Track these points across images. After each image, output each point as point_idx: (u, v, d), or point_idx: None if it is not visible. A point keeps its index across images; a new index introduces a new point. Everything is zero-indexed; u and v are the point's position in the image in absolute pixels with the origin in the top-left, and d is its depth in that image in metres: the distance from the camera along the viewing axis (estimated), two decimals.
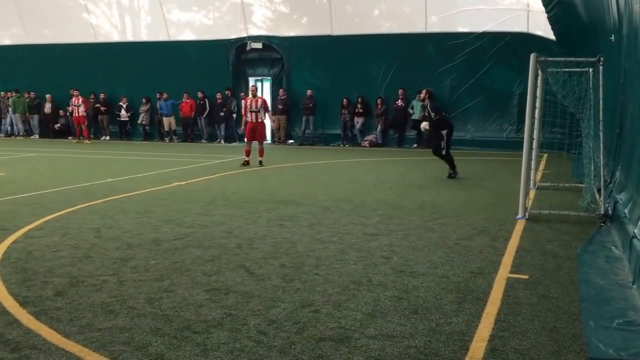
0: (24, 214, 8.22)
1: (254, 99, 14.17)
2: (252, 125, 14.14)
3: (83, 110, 21.51)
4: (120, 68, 23.14)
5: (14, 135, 24.42)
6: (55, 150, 18.41)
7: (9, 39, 24.68)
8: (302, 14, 21.90)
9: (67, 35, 23.34)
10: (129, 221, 7.85)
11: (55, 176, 12.40)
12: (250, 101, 14.17)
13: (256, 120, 14.12)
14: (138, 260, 5.99)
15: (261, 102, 14.24)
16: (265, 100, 14.69)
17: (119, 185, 11.15)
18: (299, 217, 8.17)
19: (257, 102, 14.11)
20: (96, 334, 4.13)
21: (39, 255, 6.14)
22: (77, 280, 5.34)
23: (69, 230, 7.26)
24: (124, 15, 23.65)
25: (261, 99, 14.46)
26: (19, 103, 23.98)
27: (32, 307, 4.63)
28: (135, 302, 4.76)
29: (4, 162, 15.31)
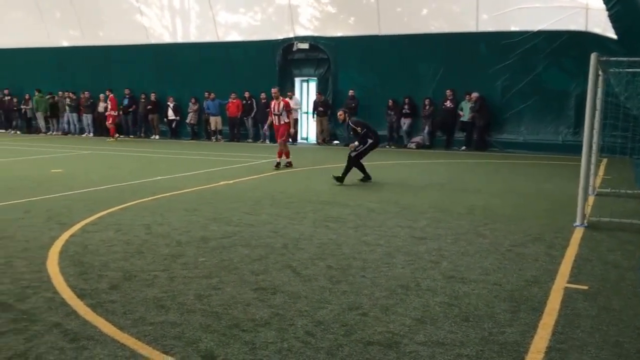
0: (80, 209, 8.49)
1: (277, 101, 14.03)
2: (275, 128, 14.19)
3: (110, 110, 22.28)
4: (170, 68, 23.62)
5: (70, 133, 25.21)
6: (108, 148, 18.93)
7: (67, 41, 25.47)
8: (349, 14, 21.90)
9: (121, 36, 23.96)
10: (178, 219, 8.02)
11: (108, 173, 12.76)
12: (273, 104, 14.11)
13: (278, 122, 13.99)
14: (187, 257, 6.12)
15: (283, 104, 14.05)
16: (288, 102, 14.47)
17: (168, 183, 11.39)
18: (344, 219, 8.19)
19: (279, 105, 13.97)
20: (149, 327, 4.25)
21: (94, 250, 6.34)
22: (130, 274, 5.49)
23: (121, 226, 7.47)
24: (175, 17, 24.13)
25: (284, 100, 14.26)
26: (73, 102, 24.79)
27: (89, 300, 4.79)
28: (185, 298, 4.86)
29: (62, 159, 15.83)
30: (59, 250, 6.28)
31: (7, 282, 5.21)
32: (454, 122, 19.86)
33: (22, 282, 5.20)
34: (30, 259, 5.93)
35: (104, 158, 16.17)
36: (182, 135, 23.68)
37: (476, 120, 19.23)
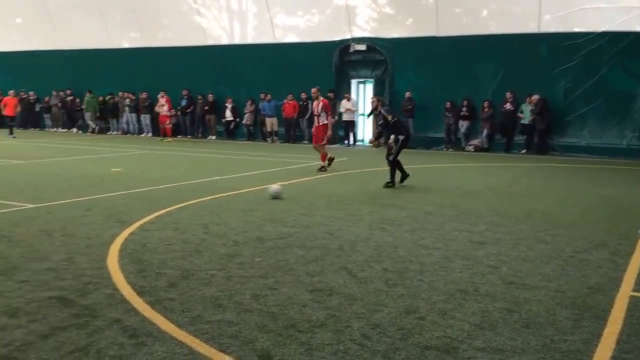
0: (140, 208, 8.68)
1: (317, 101, 13.82)
2: (313, 129, 14.04)
3: (166, 110, 22.85)
4: (227, 70, 23.96)
5: (129, 133, 25.91)
6: (166, 148, 19.34)
7: (128, 43, 26.20)
8: (407, 14, 21.68)
9: (179, 38, 24.46)
10: (235, 218, 8.08)
11: (167, 173, 13.01)
12: (314, 104, 13.97)
13: (317, 123, 13.80)
14: (244, 257, 6.14)
15: (322, 104, 13.77)
16: (327, 103, 14.11)
17: (225, 183, 11.52)
18: (400, 221, 8.08)
19: (318, 105, 13.77)
20: (206, 326, 4.27)
21: (153, 248, 6.45)
22: (188, 273, 5.55)
23: (179, 225, 7.57)
24: (233, 19, 24.45)
25: (323, 101, 13.90)
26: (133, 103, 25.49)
27: (148, 297, 4.86)
28: (242, 298, 4.88)
29: (122, 158, 16.27)
30: (118, 247, 6.42)
31: (69, 277, 5.35)
32: (514, 124, 19.38)
33: (83, 278, 5.33)
34: (92, 256, 6.08)
35: (162, 158, 16.52)
36: (238, 136, 23.97)
37: (537, 123, 18.72)
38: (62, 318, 4.38)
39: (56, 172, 12.78)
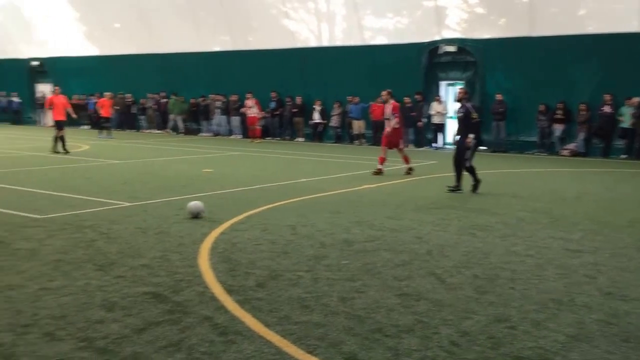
0: (230, 208, 8.88)
1: (387, 104, 13.50)
2: (385, 133, 13.71)
3: (256, 112, 23.21)
4: (315, 72, 24.16)
5: (219, 134, 26.65)
6: (255, 150, 19.73)
7: (219, 46, 26.98)
8: (499, 14, 21.05)
9: (269, 41, 24.92)
10: (322, 220, 8.10)
11: (255, 174, 13.26)
12: (384, 107, 13.64)
13: (388, 127, 13.49)
14: (331, 259, 6.14)
15: (391, 107, 13.44)
16: (396, 106, 13.69)
17: (312, 185, 11.59)
18: (491, 227, 7.82)
19: (388, 109, 13.45)
20: (293, 326, 4.29)
21: (242, 247, 6.57)
22: (275, 273, 5.61)
23: (268, 226, 7.68)
24: (321, 21, 24.63)
25: (393, 104, 13.53)
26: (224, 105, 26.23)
27: (237, 296, 4.94)
28: (329, 300, 4.86)
29: (212, 159, 16.75)
30: (209, 246, 6.58)
31: (163, 274, 5.54)
32: (613, 128, 18.35)
33: (176, 276, 5.50)
34: (184, 254, 6.27)
35: (251, 159, 16.88)
36: (325, 139, 24.11)
37: (638, 127, 17.64)
38: (156, 313, 4.53)
39: (151, 171, 13.33)
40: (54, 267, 5.71)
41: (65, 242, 6.70)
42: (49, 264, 5.81)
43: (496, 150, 20.05)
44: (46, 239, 6.83)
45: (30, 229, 7.33)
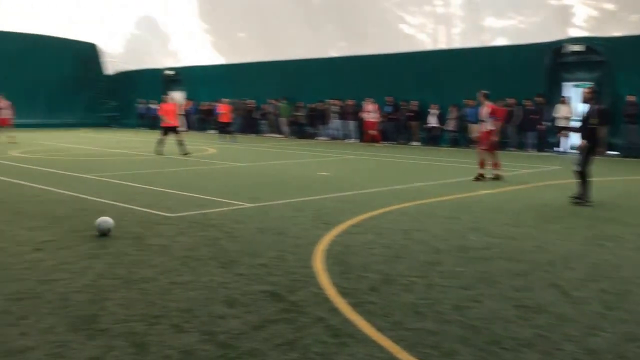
0: (345, 211, 8.97)
1: (483, 106, 12.88)
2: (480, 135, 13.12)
3: (376, 116, 23.11)
4: (431, 75, 23.86)
5: (336, 138, 27.00)
6: (370, 153, 19.80)
7: (336, 52, 27.38)
8: (631, 10, 19.69)
9: (385, 45, 24.96)
10: (437, 226, 7.98)
11: (370, 177, 13.31)
12: (480, 109, 13.05)
13: (484, 128, 12.89)
14: (445, 266, 6.03)
15: (488, 110, 12.77)
16: (494, 108, 12.94)
17: (427, 189, 11.44)
18: (623, 238, 7.32)
19: (484, 111, 12.85)
20: (406, 333, 4.26)
21: (356, 251, 6.62)
22: (388, 278, 5.60)
23: (382, 230, 7.68)
24: (438, 24, 24.30)
25: (490, 106, 12.83)
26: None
27: (350, 299, 4.99)
28: (443, 308, 4.78)
29: (328, 162, 17.01)
30: (324, 248, 6.69)
31: (279, 274, 5.70)
32: None
33: (292, 276, 5.64)
34: (300, 255, 6.42)
35: (366, 163, 16.95)
36: (441, 143, 23.73)
37: None
38: (273, 312, 4.68)
39: (270, 174, 13.77)
40: (182, 263, 6.05)
41: (192, 239, 7.09)
42: (178, 260, 6.17)
43: (628, 155, 18.73)
44: (176, 236, 7.26)
45: (163, 226, 7.83)
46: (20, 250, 6.50)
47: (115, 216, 8.40)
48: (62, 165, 15.09)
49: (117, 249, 6.60)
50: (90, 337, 4.14)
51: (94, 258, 6.21)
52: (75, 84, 36.38)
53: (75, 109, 37.13)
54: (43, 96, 35.31)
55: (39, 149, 20.12)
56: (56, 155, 18.13)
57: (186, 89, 34.74)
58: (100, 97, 37.49)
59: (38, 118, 35.28)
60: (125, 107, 36.21)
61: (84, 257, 6.23)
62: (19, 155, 17.71)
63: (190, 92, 34.25)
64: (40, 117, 35.45)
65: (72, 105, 36.83)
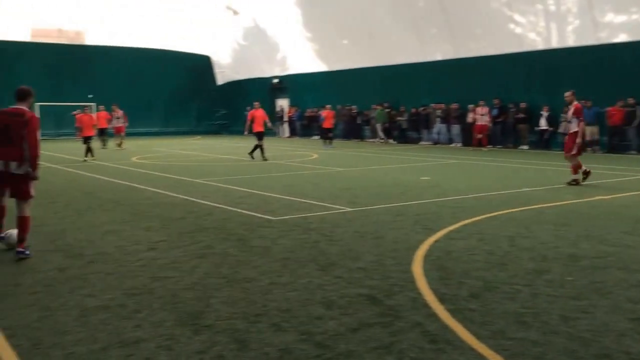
0: (446, 216, 8.80)
1: (570, 106, 12.12)
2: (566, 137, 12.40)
3: (487, 120, 22.71)
4: (543, 76, 22.89)
5: (439, 143, 26.55)
6: (474, 158, 19.29)
7: (441, 55, 26.91)
8: None
9: (492, 47, 24.23)
10: (545, 233, 7.63)
11: (475, 182, 12.96)
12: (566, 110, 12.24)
13: (569, 130, 12.16)
14: (553, 275, 5.76)
15: (573, 109, 11.97)
16: (580, 108, 12.07)
17: (536, 194, 10.98)
18: None
19: (570, 112, 12.07)
20: (507, 342, 4.11)
21: (456, 257, 6.47)
22: (490, 285, 5.43)
23: (484, 236, 7.46)
24: (550, 22, 23.24)
25: (575, 106, 12.01)
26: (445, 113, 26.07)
27: (449, 304, 4.88)
28: (549, 318, 4.57)
29: (430, 167, 16.76)
30: (423, 253, 6.59)
31: (377, 278, 5.69)
32: None
33: (390, 280, 5.61)
34: (398, 259, 6.37)
35: (470, 167, 16.52)
36: (552, 146, 22.67)
37: None
38: (370, 315, 4.67)
39: (371, 178, 13.76)
40: (282, 265, 6.20)
41: (293, 242, 7.24)
42: (278, 261, 6.33)
43: None
44: (277, 238, 7.44)
45: (265, 229, 8.06)
46: (137, 249, 6.95)
47: (221, 218, 8.78)
48: (175, 170, 15.96)
49: (222, 249, 6.87)
50: (196, 332, 4.34)
51: (202, 257, 6.51)
52: (189, 95, 38.51)
53: (188, 117, 39.30)
54: (160, 106, 37.72)
55: (155, 155, 21.40)
56: (170, 161, 19.20)
57: (291, 96, 35.57)
58: (211, 106, 39.31)
59: (155, 127, 37.71)
60: (234, 115, 37.63)
61: (193, 257, 6.55)
62: (137, 161, 18.92)
63: (295, 99, 35.03)
64: (158, 125, 37.87)
65: (185, 114, 39.01)
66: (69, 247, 7.13)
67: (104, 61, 35.54)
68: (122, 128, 25.87)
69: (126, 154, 21.94)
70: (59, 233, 7.90)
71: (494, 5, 24.06)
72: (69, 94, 31.61)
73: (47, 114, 32.80)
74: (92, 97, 33.45)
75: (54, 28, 35.04)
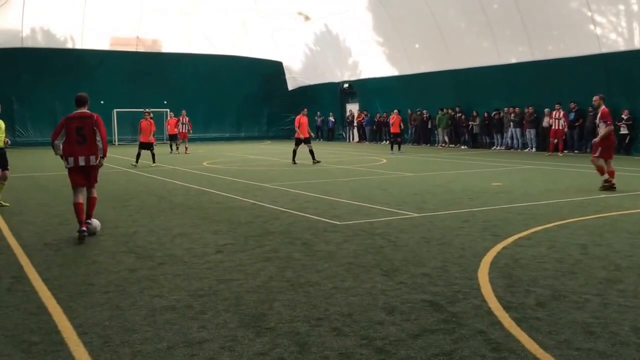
0: (516, 223, 8.60)
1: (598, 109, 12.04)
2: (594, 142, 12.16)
3: (563, 124, 22.03)
4: (624, 78, 21.92)
5: (513, 148, 25.89)
6: (549, 163, 18.70)
7: (515, 58, 26.25)
8: None
9: (570, 48, 23.44)
10: (620, 241, 7.34)
11: (548, 188, 12.58)
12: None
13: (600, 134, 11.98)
14: (626, 284, 5.53)
15: (600, 113, 11.89)
16: (606, 112, 11.91)
17: (612, 201, 10.55)
18: None
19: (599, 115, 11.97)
20: (574, 352, 3.99)
21: (524, 264, 6.32)
22: (559, 294, 5.28)
23: (555, 243, 7.25)
24: (632, 22, 22.25)
25: (603, 110, 11.96)
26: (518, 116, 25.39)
27: (514, 313, 4.79)
28: (619, 328, 4.41)
29: (502, 172, 16.37)
30: (490, 260, 6.48)
31: (441, 284, 5.64)
32: None
33: (454, 287, 5.55)
34: (464, 266, 6.28)
35: (544, 173, 16.04)
36: (633, 151, 21.67)
37: None
38: (432, 321, 4.65)
39: (440, 184, 13.60)
40: (346, 269, 6.24)
41: (357, 247, 7.27)
42: (342, 266, 6.37)
43: None
44: (342, 243, 7.50)
45: (330, 233, 8.13)
46: (204, 252, 7.17)
47: (288, 222, 8.92)
48: (244, 174, 16.32)
49: (287, 253, 6.99)
50: (259, 334, 4.44)
51: (267, 261, 6.64)
52: (261, 100, 39.25)
53: (259, 123, 40.04)
54: (232, 112, 38.63)
55: (226, 160, 21.96)
56: (240, 165, 19.64)
57: (361, 101, 35.60)
58: (281, 111, 39.85)
59: (227, 132, 38.64)
60: None
61: (258, 260, 6.69)
62: (207, 166, 19.47)
63: (365, 103, 35.03)
64: (229, 131, 38.79)
65: (257, 119, 39.78)
66: (140, 249, 7.41)
67: (179, 68, 36.69)
68: (186, 134, 26.82)
69: (198, 158, 22.60)
70: (131, 235, 8.22)
71: (572, 6, 23.26)
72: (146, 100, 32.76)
73: (124, 119, 34.36)
74: (167, 103, 34.69)
75: (132, 37, 36.30)
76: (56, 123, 8.77)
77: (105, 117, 33.67)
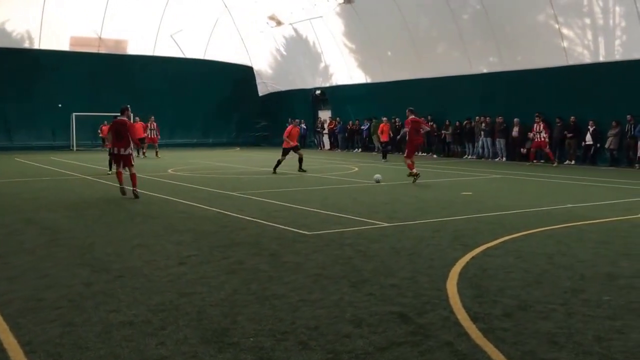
0: (485, 233, 8.65)
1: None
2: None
3: (544, 135, 21.90)
4: (589, 90, 22.33)
5: (483, 157, 26.17)
6: (518, 173, 18.93)
7: (486, 68, 26.60)
8: None
9: (538, 60, 23.83)
10: (585, 251, 7.43)
11: (517, 198, 12.71)
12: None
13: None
14: (590, 294, 5.59)
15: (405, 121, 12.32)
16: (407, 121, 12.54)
17: (579, 211, 10.70)
18: None
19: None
20: None
21: (492, 274, 6.34)
22: (525, 304, 5.30)
23: (522, 253, 7.30)
24: (597, 36, 22.73)
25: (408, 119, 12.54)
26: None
27: (481, 324, 4.78)
28: (583, 338, 4.44)
29: (472, 182, 16.51)
30: (459, 270, 6.48)
31: (410, 295, 5.61)
32: None
33: (423, 298, 5.53)
34: (433, 276, 6.28)
35: (514, 183, 16.22)
36: (599, 162, 22.07)
37: None
38: (399, 334, 4.61)
39: (410, 193, 13.64)
40: (314, 281, 6.16)
41: (326, 257, 7.19)
42: (310, 277, 6.29)
43: None
44: (311, 253, 7.40)
45: (299, 243, 8.02)
46: (166, 264, 6.93)
47: (255, 233, 8.80)
48: (210, 182, 16.04)
49: (253, 265, 6.87)
50: (221, 350, 4.32)
51: (232, 273, 6.50)
52: (230, 106, 38.60)
53: (228, 129, 39.43)
54: (199, 117, 37.78)
55: (191, 167, 21.63)
56: (206, 173, 19.35)
57: (333, 108, 35.62)
58: (251, 117, 39.45)
59: (194, 138, 37.94)
60: (275, 126, 37.75)
61: (223, 272, 6.54)
62: (172, 173, 19.15)
63: (337, 111, 35.05)
64: (197, 137, 38.09)
65: (225, 125, 39.13)
66: (96, 261, 7.08)
67: (144, 71, 35.47)
68: (155, 139, 26.68)
69: (162, 165, 22.25)
70: (87, 247, 7.85)
71: (540, 18, 23.68)
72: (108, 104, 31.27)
73: (84, 124, 33.08)
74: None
75: (94, 37, 34.87)
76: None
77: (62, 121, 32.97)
